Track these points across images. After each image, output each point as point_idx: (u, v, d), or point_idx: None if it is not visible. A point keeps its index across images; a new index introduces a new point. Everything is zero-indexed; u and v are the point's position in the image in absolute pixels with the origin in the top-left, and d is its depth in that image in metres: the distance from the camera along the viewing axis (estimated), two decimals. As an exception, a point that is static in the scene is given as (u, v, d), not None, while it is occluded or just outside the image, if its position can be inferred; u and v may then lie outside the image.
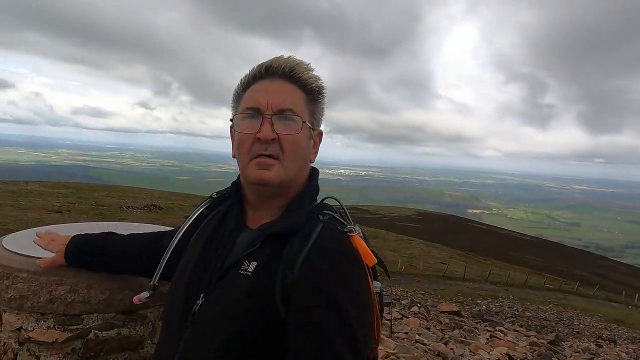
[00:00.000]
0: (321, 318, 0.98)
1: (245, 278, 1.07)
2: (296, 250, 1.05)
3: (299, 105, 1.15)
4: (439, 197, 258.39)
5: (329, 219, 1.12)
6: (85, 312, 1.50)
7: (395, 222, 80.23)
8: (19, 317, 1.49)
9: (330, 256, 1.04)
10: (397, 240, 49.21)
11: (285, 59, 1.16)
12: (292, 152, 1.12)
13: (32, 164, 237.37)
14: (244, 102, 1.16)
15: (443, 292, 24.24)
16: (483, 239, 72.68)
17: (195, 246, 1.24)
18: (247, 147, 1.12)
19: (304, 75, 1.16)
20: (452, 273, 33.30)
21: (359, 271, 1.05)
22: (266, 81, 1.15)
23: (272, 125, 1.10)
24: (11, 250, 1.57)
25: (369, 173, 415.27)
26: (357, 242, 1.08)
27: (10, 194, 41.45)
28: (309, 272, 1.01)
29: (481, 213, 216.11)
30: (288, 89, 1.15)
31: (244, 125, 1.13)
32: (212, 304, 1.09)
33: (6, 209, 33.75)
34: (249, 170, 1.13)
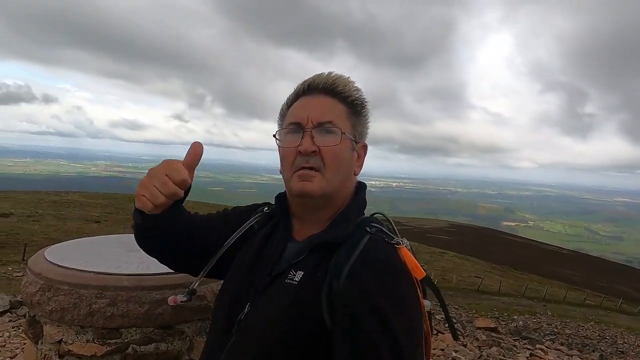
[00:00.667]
0: (367, 328, 0.97)
1: (292, 287, 1.07)
2: (342, 260, 1.04)
3: (340, 118, 1.16)
4: (472, 209, 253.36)
5: (376, 231, 1.11)
6: (123, 325, 1.49)
7: (427, 235, 78.97)
8: (60, 330, 1.50)
9: (376, 267, 1.02)
10: (429, 253, 48.39)
11: (326, 75, 1.19)
12: (333, 163, 1.13)
13: (72, 175, 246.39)
14: (287, 118, 1.19)
15: (478, 307, 23.60)
16: (519, 252, 70.60)
17: (243, 259, 1.24)
18: (290, 160, 1.14)
19: (344, 89, 1.18)
20: (486, 287, 32.44)
21: (405, 283, 1.03)
22: (307, 97, 1.18)
23: (312, 138, 1.12)
24: (53, 262, 1.59)
25: (400, 184, 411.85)
26: (404, 254, 1.06)
27: (52, 204, 43.03)
28: (355, 282, 1.00)
29: (516, 226, 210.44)
30: (328, 103, 1.17)
31: (286, 139, 1.16)
32: (258, 312, 1.10)
33: (48, 218, 35.04)
34: (292, 183, 1.14)
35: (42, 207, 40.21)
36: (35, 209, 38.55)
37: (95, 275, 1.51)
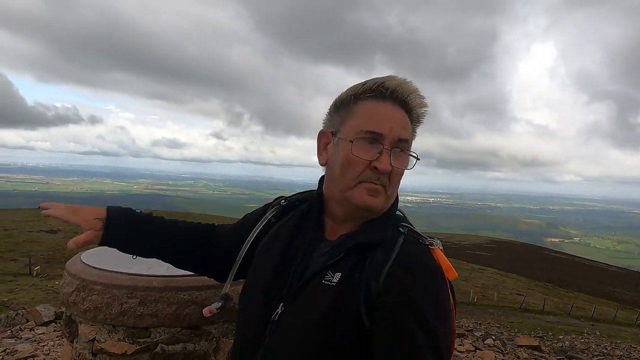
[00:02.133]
0: (408, 329, 0.99)
1: (330, 288, 1.07)
2: (380, 261, 1.05)
3: (411, 136, 1.15)
4: (512, 225, 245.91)
5: (408, 231, 1.13)
6: (152, 325, 1.54)
7: (466, 251, 77.04)
8: (93, 329, 1.57)
9: (415, 268, 1.04)
10: (469, 270, 47.16)
11: (404, 84, 1.14)
12: (397, 182, 1.15)
13: (115, 193, 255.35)
14: (361, 119, 1.12)
15: (520, 326, 22.72)
16: (564, 269, 67.78)
17: (268, 254, 1.22)
18: (358, 170, 1.10)
19: (419, 106, 1.16)
20: (529, 305, 31.26)
21: (442, 284, 1.06)
22: (388, 105, 1.12)
23: (390, 156, 1.10)
24: (88, 264, 1.67)
25: (438, 200, 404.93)
26: (438, 255, 1.08)
27: (96, 220, 44.63)
28: (394, 283, 1.02)
29: (560, 242, 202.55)
30: (405, 119, 1.14)
31: (360, 148, 1.10)
32: (294, 313, 1.09)
33: (92, 234, 36.37)
34: (356, 193, 1.11)
35: (87, 224, 41.78)
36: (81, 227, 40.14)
37: (127, 276, 1.57)
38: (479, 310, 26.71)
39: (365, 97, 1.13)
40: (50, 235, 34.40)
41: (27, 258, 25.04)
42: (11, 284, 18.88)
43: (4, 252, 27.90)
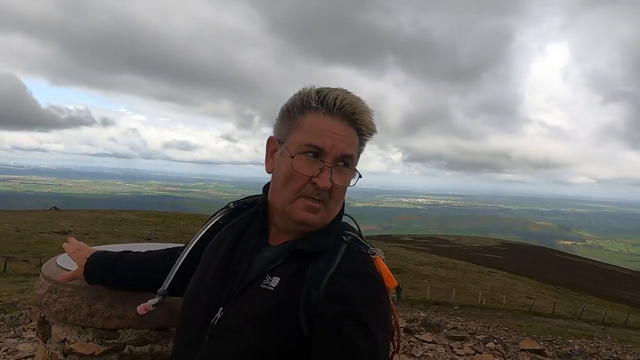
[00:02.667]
0: (348, 338, 1.00)
1: (268, 293, 1.07)
2: (321, 269, 1.06)
3: (355, 152, 1.14)
4: (524, 227, 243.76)
5: (351, 240, 1.14)
6: (121, 327, 1.57)
7: (476, 253, 76.53)
8: (64, 330, 1.61)
9: (355, 277, 1.06)
10: (478, 272, 46.85)
11: (348, 97, 1.12)
12: (338, 198, 1.14)
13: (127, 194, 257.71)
14: (304, 133, 1.11)
15: (529, 329, 22.51)
16: (575, 272, 67.02)
17: (212, 256, 1.22)
18: (298, 185, 1.10)
19: (365, 121, 1.13)
20: (539, 308, 30.94)
21: (383, 294, 1.08)
22: (332, 120, 1.10)
23: (331, 173, 1.09)
24: (61, 266, 1.71)
25: (448, 202, 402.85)
26: (379, 264, 1.10)
27: (107, 222, 45.18)
28: (335, 293, 1.03)
29: (573, 245, 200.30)
30: (350, 135, 1.12)
31: (302, 163, 1.10)
32: (233, 317, 1.09)
33: (103, 236, 36.80)
34: (294, 208, 1.12)
35: (98, 225, 42.30)
36: (92, 227, 40.62)
37: (97, 279, 1.61)
38: (488, 314, 26.51)
39: (313, 110, 1.11)
40: (61, 237, 34.74)
41: (38, 259, 25.35)
42: (22, 284, 19.14)
43: (16, 253, 28.30)
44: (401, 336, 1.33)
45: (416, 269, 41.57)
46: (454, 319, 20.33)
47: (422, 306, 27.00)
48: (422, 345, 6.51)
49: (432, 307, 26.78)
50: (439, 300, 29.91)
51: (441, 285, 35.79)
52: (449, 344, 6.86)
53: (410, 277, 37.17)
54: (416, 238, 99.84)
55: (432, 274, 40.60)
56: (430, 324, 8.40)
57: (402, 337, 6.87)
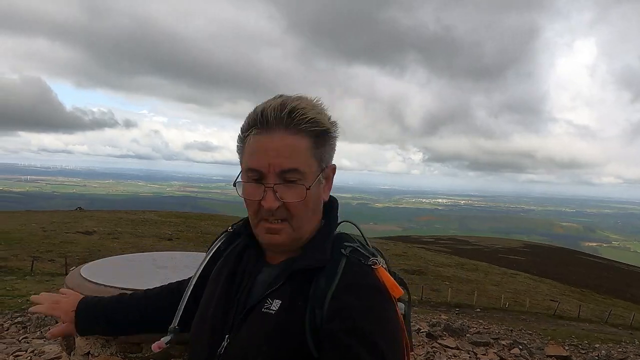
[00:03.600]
0: (354, 350, 0.98)
1: (270, 317, 1.05)
2: (323, 287, 1.04)
3: (304, 158, 1.06)
4: (548, 228, 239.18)
5: (351, 252, 1.10)
6: (144, 340, 1.56)
7: (499, 255, 75.34)
8: (88, 342, 1.60)
9: (359, 292, 1.03)
10: (500, 274, 46.11)
11: (280, 104, 1.05)
12: (300, 214, 1.08)
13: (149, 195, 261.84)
14: (245, 157, 1.08)
15: (554, 333, 22.02)
16: (602, 274, 65.39)
17: (215, 284, 1.21)
18: (253, 209, 1.08)
19: (306, 119, 1.05)
20: (564, 312, 30.28)
21: (388, 305, 1.06)
22: (264, 137, 1.04)
23: (275, 193, 1.04)
24: (85, 277, 1.70)
25: (469, 202, 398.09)
26: (382, 274, 1.07)
27: (130, 222, 45.90)
28: (339, 310, 1.01)
29: (598, 246, 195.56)
30: (289, 144, 1.04)
31: (248, 189, 1.07)
32: (238, 345, 1.07)
33: (126, 236, 37.42)
34: (258, 231, 1.11)
35: (121, 226, 43.02)
36: (115, 227, 41.32)
37: (118, 291, 1.59)
38: (511, 317, 26.04)
39: (251, 132, 1.07)
40: (86, 237, 35.49)
41: (63, 258, 25.89)
42: (48, 283, 19.55)
43: (43, 253, 28.92)
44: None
45: (437, 270, 41.13)
46: (476, 322, 20.03)
47: (444, 308, 26.68)
48: (445, 351, 6.42)
49: (453, 310, 26.44)
50: (461, 302, 29.51)
51: (463, 287, 35.33)
52: (472, 350, 6.74)
53: (431, 278, 36.79)
54: (437, 239, 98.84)
55: (454, 275, 40.11)
56: (453, 329, 8.27)
57: (425, 343, 6.77)
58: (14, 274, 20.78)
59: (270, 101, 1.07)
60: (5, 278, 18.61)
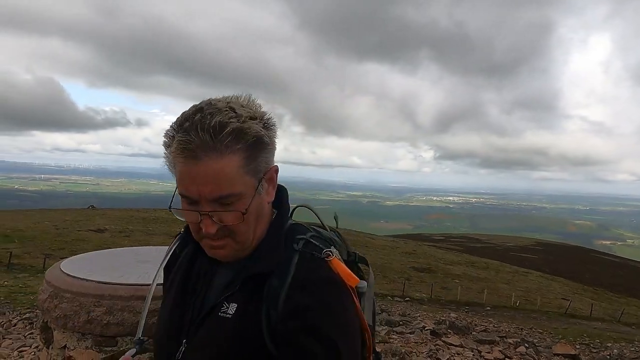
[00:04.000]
0: (309, 351, 0.97)
1: (226, 321, 1.04)
2: (276, 287, 1.02)
3: (237, 179, 0.99)
4: (560, 226, 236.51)
5: (303, 246, 1.07)
6: (119, 334, 1.55)
7: (510, 253, 74.72)
8: (65, 336, 1.59)
9: (312, 289, 1.01)
10: (512, 272, 45.72)
11: (201, 119, 0.96)
12: (241, 230, 1.04)
13: (161, 193, 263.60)
14: (178, 181, 1.01)
15: (565, 332, 21.77)
16: (616, 273, 64.51)
17: (170, 289, 1.20)
18: (195, 230, 1.05)
19: (232, 135, 0.96)
20: (576, 310, 29.95)
21: (344, 297, 1.03)
22: (189, 162, 0.96)
23: (211, 218, 1.00)
24: (63, 271, 1.70)
25: (480, 200, 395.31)
26: (336, 265, 1.04)
27: (141, 220, 46.30)
28: (292, 309, 1.00)
29: (612, 244, 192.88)
30: (217, 170, 0.96)
31: (185, 215, 1.04)
32: (195, 349, 1.07)
33: (137, 234, 37.75)
34: (203, 246, 1.08)
35: (132, 224, 43.40)
36: (127, 225, 41.71)
37: (95, 284, 1.59)
38: (521, 315, 25.79)
39: (174, 158, 1.00)
40: (98, 234, 35.87)
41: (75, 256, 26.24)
42: (59, 281, 19.79)
43: (55, 250, 29.27)
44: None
45: (447, 268, 40.90)
46: (485, 320, 19.87)
47: (453, 307, 26.51)
48: (448, 348, 6.36)
49: (463, 308, 26.26)
50: (470, 300, 29.32)
51: (473, 285, 35.09)
52: (477, 348, 6.67)
53: (441, 276, 36.60)
54: (447, 237, 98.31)
55: (464, 273, 39.87)
56: (458, 327, 8.19)
57: (428, 340, 6.72)
58: (27, 271, 21.07)
59: (190, 116, 0.98)
60: (19, 275, 18.86)
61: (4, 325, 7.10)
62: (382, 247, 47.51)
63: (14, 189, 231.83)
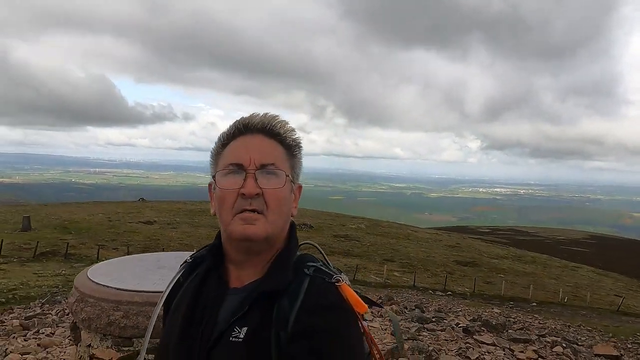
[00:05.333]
0: None
1: (238, 345, 1.06)
2: (286, 309, 1.05)
3: (281, 160, 1.15)
4: (615, 219, 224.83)
5: (314, 271, 1.11)
6: (135, 336, 1.74)
7: (561, 246, 71.92)
8: (89, 335, 1.80)
9: (322, 313, 1.04)
10: (561, 267, 44.11)
11: (262, 116, 1.18)
12: (276, 206, 1.12)
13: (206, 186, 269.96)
14: (224, 158, 1.16)
15: (616, 330, 20.85)
16: (676, 269, 60.85)
17: (175, 316, 1.19)
18: (230, 203, 1.10)
19: (282, 130, 1.17)
20: (629, 308, 28.56)
21: (352, 323, 1.06)
22: (246, 137, 1.16)
23: (255, 180, 1.10)
24: (89, 278, 1.91)
25: (529, 191, 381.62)
26: (346, 291, 1.08)
27: (188, 212, 47.79)
28: (301, 332, 1.02)
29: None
30: (268, 144, 1.15)
31: (226, 181, 1.12)
32: None
33: (183, 226, 39.04)
34: (233, 226, 1.10)
35: (179, 216, 44.90)
36: (174, 218, 43.21)
37: (114, 291, 1.78)
38: (569, 312, 24.88)
39: (230, 140, 1.18)
40: (147, 226, 37.37)
41: (126, 247, 27.48)
42: (111, 271, 20.81)
43: (108, 242, 30.76)
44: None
45: (491, 262, 39.95)
46: (530, 317, 19.34)
47: (497, 302, 25.92)
48: (479, 347, 6.32)
49: (507, 303, 25.65)
50: (515, 296, 28.56)
51: (518, 280, 34.14)
52: (509, 347, 6.59)
53: (485, 270, 35.81)
54: (494, 230, 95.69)
55: (509, 268, 38.83)
56: (492, 324, 8.10)
57: (459, 338, 6.71)
58: (83, 261, 22.32)
59: (250, 115, 1.19)
60: (75, 264, 20.03)
61: (59, 314, 7.65)
62: (424, 240, 46.92)
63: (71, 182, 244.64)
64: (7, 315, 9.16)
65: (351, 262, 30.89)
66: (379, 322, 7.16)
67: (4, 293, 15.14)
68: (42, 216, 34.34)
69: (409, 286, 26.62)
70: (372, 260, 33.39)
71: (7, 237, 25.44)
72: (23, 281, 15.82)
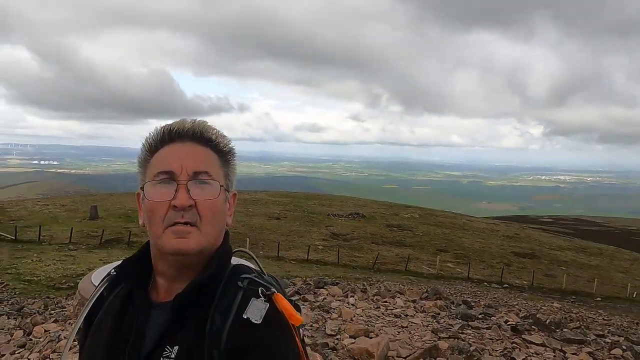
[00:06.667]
0: None
1: None
2: (219, 325, 1.01)
3: (214, 168, 1.09)
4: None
5: (248, 284, 1.06)
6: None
7: (632, 237, 67.39)
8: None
9: (255, 328, 1.00)
10: (631, 260, 41.38)
11: (192, 122, 1.12)
12: (211, 218, 1.06)
13: (262, 175, 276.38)
14: (153, 167, 1.09)
15: (691, 330, 19.34)
16: None
17: (98, 336, 1.11)
18: (160, 215, 1.04)
19: (214, 136, 1.12)
20: None
21: (287, 336, 1.02)
22: (176, 144, 1.09)
23: (188, 191, 1.04)
24: (91, 282, 1.93)
25: (597, 179, 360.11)
26: (280, 302, 1.03)
27: (242, 202, 49.01)
28: (235, 349, 0.99)
29: None
30: (201, 152, 1.09)
31: (156, 192, 1.05)
32: None
33: (237, 215, 39.92)
34: (164, 240, 1.04)
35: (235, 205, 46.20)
36: (226, 206, 44.52)
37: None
38: (638, 309, 23.35)
39: (158, 147, 1.11)
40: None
41: (182, 236, 28.60)
42: (168, 259, 21.72)
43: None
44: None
45: (552, 254, 38.11)
46: (594, 312, 18.29)
47: (558, 296, 24.75)
48: (527, 347, 6.00)
49: (568, 298, 24.43)
50: (578, 289, 27.15)
51: (582, 273, 32.40)
52: (561, 348, 6.21)
53: (545, 263, 34.23)
54: (557, 219, 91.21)
55: (572, 260, 36.91)
56: (543, 323, 7.68)
57: (506, 338, 6.40)
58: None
59: (179, 121, 1.12)
60: (135, 253, 21.11)
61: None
62: (480, 230, 45.45)
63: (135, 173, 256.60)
64: (70, 301, 9.76)
65: (403, 252, 30.50)
66: (421, 318, 6.98)
67: (72, 278, 16.22)
68: (108, 205, 36.33)
69: (463, 278, 25.91)
70: (425, 251, 32.81)
71: (76, 226, 27.20)
72: (90, 267, 16.84)
